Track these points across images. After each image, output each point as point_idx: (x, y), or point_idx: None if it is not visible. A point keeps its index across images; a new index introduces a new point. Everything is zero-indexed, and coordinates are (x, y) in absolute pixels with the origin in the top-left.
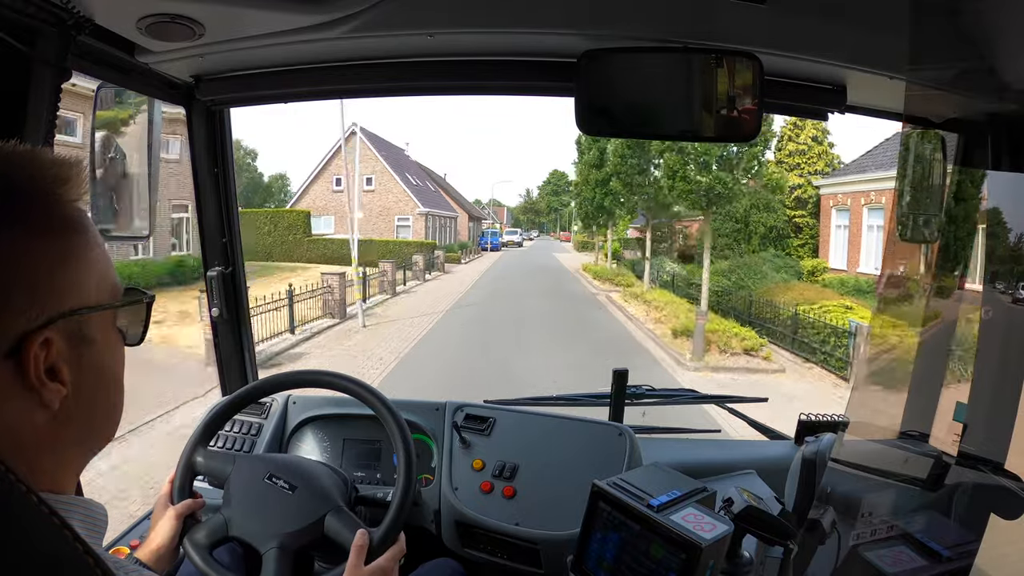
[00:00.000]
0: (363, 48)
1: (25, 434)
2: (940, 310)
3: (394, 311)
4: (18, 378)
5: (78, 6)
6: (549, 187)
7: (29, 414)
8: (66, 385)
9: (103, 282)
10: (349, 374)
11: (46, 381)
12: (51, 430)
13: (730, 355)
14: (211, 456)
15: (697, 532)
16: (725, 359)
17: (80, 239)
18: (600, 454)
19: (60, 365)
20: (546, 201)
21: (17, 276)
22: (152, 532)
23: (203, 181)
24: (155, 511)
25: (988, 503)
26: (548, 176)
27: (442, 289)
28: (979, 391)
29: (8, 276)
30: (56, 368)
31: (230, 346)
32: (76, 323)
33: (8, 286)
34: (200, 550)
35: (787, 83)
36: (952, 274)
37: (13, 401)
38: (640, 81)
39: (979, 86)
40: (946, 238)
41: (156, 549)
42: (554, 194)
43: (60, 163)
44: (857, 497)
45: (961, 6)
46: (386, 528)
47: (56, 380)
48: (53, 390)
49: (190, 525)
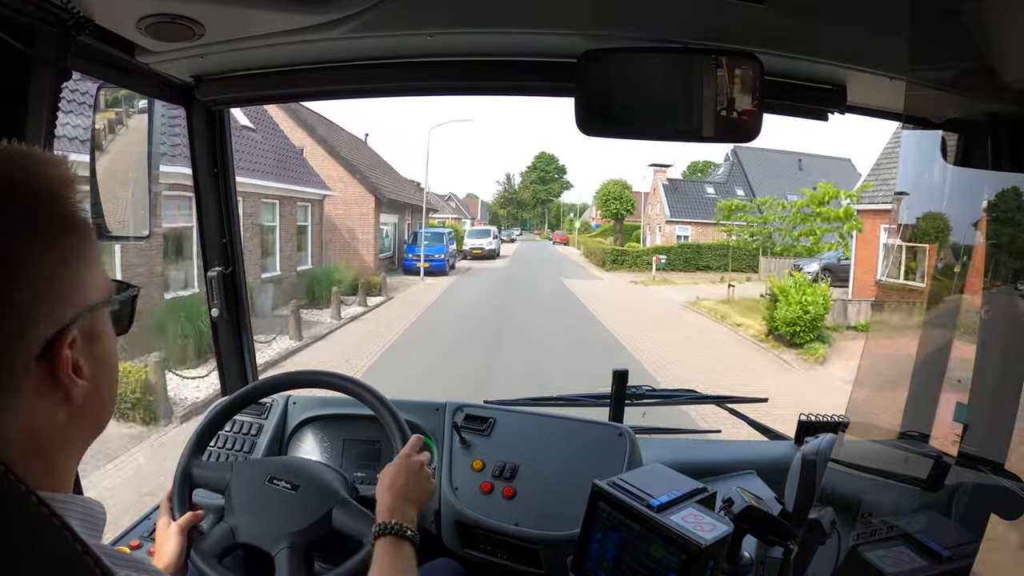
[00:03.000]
0: (363, 48)
1: (46, 433)
2: (940, 310)
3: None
4: (48, 378)
5: (78, 6)
6: (535, 174)
7: (53, 412)
8: (87, 380)
9: (103, 278)
10: (349, 374)
11: (74, 378)
12: (68, 426)
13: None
14: (207, 467)
15: (697, 532)
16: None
17: (87, 239)
18: (600, 454)
19: (81, 361)
20: (531, 191)
21: (36, 282)
22: (157, 551)
23: (203, 181)
24: (158, 528)
25: (988, 503)
26: (534, 160)
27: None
28: (979, 391)
29: (28, 284)
30: (79, 364)
31: (230, 346)
32: (90, 319)
33: (29, 295)
34: (209, 560)
35: (787, 83)
36: (952, 274)
37: (43, 401)
38: (640, 81)
39: (979, 86)
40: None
41: (165, 567)
42: (541, 182)
43: (62, 164)
44: (857, 497)
45: (961, 6)
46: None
47: (80, 376)
48: (81, 387)
49: (194, 537)
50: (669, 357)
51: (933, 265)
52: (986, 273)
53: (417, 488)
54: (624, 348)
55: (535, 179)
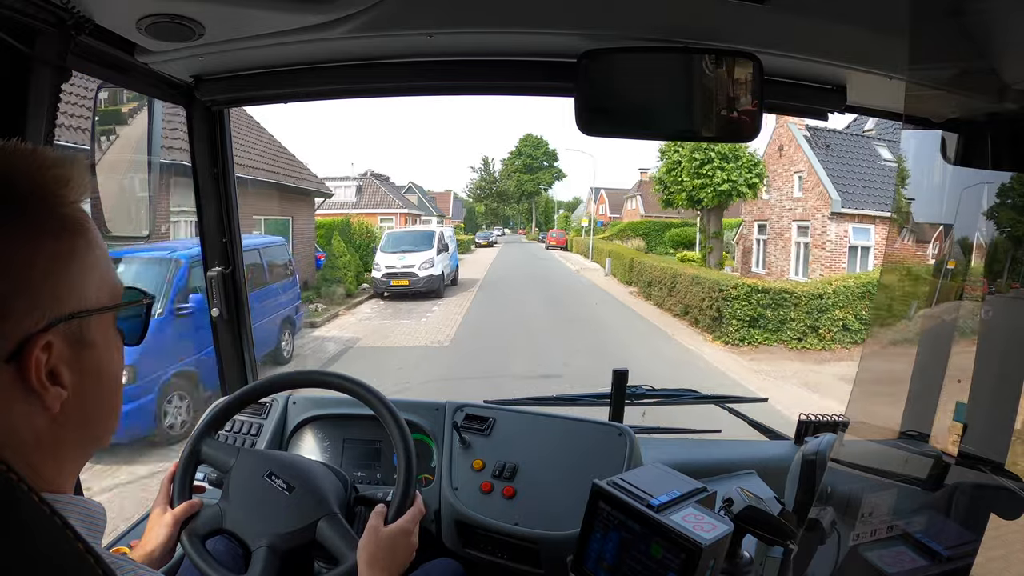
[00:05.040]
0: (363, 48)
1: (27, 436)
2: (940, 309)
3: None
4: (19, 382)
5: (78, 6)
6: (520, 160)
7: (31, 417)
8: (66, 388)
9: (103, 283)
10: (349, 375)
11: (47, 384)
12: (52, 432)
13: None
14: (217, 446)
15: (697, 532)
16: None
17: (81, 241)
18: (600, 454)
19: (60, 368)
20: (515, 181)
21: (18, 279)
22: (147, 534)
23: (203, 181)
24: (152, 512)
25: (988, 503)
26: (518, 144)
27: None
28: (979, 391)
29: (9, 279)
30: (56, 371)
31: (230, 346)
32: (77, 326)
33: (9, 290)
34: (193, 540)
35: (787, 83)
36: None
37: (15, 404)
38: (640, 81)
39: (979, 86)
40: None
41: (150, 552)
42: (527, 170)
43: (61, 163)
44: (857, 497)
45: (961, 6)
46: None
47: (57, 383)
48: (54, 393)
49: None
50: None
51: (935, 262)
52: (989, 272)
53: (403, 558)
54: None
55: (520, 167)
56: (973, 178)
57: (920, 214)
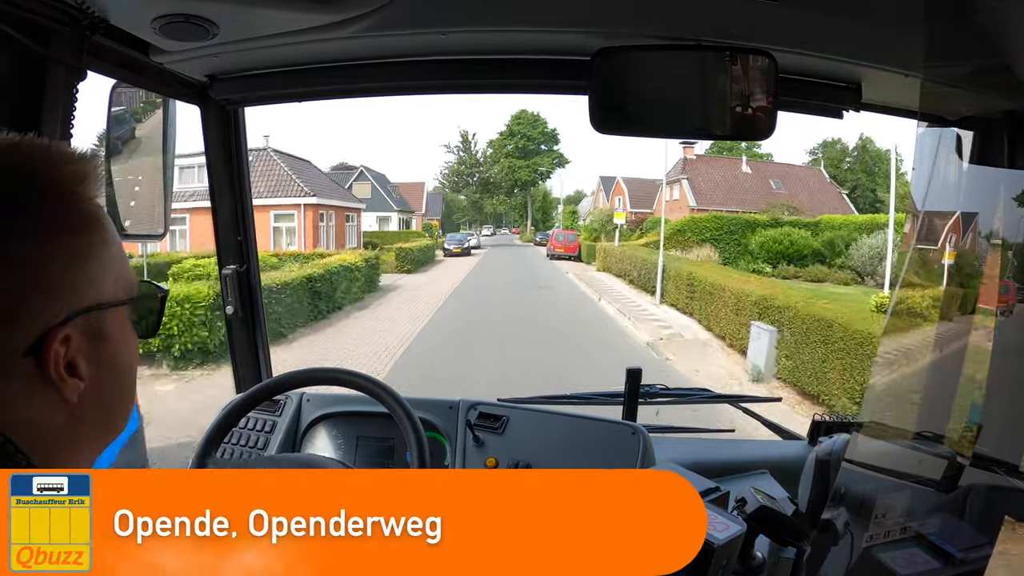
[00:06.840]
0: (376, 47)
1: (45, 430)
2: (956, 311)
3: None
4: (39, 375)
5: (93, 6)
6: (513, 142)
7: (49, 409)
8: (84, 380)
9: (119, 277)
10: (364, 372)
11: (66, 376)
12: (69, 425)
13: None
14: (221, 463)
15: (710, 532)
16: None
17: (98, 237)
18: (613, 453)
19: (78, 360)
20: (506, 167)
21: (37, 274)
22: None
23: (218, 180)
24: None
25: (1002, 505)
26: (510, 123)
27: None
28: (994, 392)
29: (28, 275)
30: (74, 363)
31: (244, 344)
32: (94, 319)
33: (28, 285)
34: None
35: (802, 81)
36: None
37: (35, 397)
38: (654, 79)
39: (995, 83)
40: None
41: None
42: (521, 155)
43: (78, 159)
44: (871, 498)
45: (977, 3)
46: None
47: (75, 375)
48: (72, 385)
49: None
50: None
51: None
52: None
53: None
54: None
55: (512, 151)
56: (992, 176)
57: (936, 210)
